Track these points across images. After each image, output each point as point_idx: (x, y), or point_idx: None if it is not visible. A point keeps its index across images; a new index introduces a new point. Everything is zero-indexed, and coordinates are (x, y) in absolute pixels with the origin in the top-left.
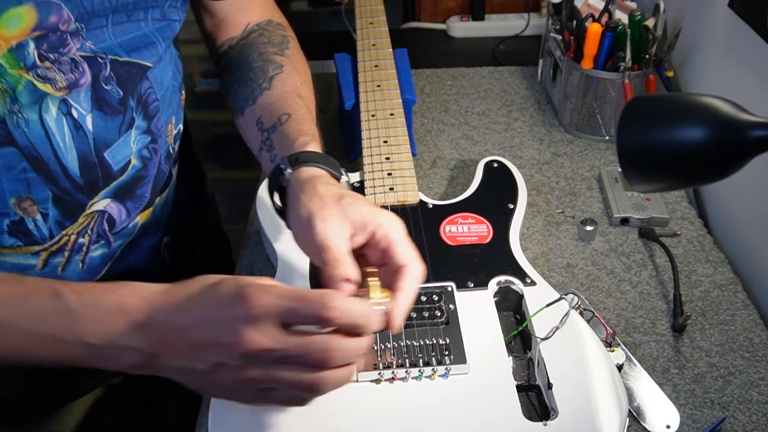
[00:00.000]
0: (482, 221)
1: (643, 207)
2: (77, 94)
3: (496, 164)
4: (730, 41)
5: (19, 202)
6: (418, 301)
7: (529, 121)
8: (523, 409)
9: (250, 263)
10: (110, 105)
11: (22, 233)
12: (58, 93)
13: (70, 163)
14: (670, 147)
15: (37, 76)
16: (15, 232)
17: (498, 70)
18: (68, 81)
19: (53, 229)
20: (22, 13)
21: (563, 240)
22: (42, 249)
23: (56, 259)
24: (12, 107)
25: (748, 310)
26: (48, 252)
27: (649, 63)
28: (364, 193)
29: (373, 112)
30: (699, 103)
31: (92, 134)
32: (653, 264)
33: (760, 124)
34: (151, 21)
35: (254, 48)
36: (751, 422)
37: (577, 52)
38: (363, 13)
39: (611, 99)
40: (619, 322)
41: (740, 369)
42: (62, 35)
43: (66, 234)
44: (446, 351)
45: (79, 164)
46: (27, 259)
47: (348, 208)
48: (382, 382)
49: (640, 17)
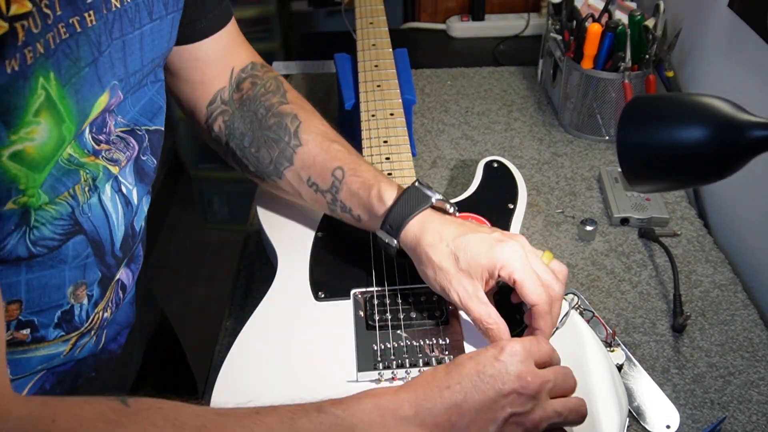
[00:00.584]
0: (482, 221)
1: (643, 207)
2: (124, 170)
3: (496, 164)
4: (730, 41)
5: (75, 289)
6: (418, 301)
7: (529, 121)
8: None
9: (250, 263)
10: (148, 175)
11: (66, 322)
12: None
13: (117, 239)
14: (670, 147)
15: (105, 159)
16: (61, 323)
17: (498, 70)
18: (127, 158)
19: (89, 311)
20: (103, 100)
21: (563, 240)
22: (76, 333)
23: (83, 340)
24: (91, 195)
25: (748, 310)
26: (79, 335)
27: (649, 63)
28: None
29: (373, 112)
30: (699, 103)
31: (135, 207)
32: (653, 264)
33: (760, 124)
34: (150, 84)
35: (256, 103)
36: (751, 422)
37: (577, 52)
38: (363, 13)
39: (611, 99)
40: (619, 322)
41: (740, 369)
42: (102, 114)
43: (97, 312)
44: (446, 351)
45: (122, 239)
46: (58, 347)
47: (470, 267)
48: (382, 382)
49: (640, 17)
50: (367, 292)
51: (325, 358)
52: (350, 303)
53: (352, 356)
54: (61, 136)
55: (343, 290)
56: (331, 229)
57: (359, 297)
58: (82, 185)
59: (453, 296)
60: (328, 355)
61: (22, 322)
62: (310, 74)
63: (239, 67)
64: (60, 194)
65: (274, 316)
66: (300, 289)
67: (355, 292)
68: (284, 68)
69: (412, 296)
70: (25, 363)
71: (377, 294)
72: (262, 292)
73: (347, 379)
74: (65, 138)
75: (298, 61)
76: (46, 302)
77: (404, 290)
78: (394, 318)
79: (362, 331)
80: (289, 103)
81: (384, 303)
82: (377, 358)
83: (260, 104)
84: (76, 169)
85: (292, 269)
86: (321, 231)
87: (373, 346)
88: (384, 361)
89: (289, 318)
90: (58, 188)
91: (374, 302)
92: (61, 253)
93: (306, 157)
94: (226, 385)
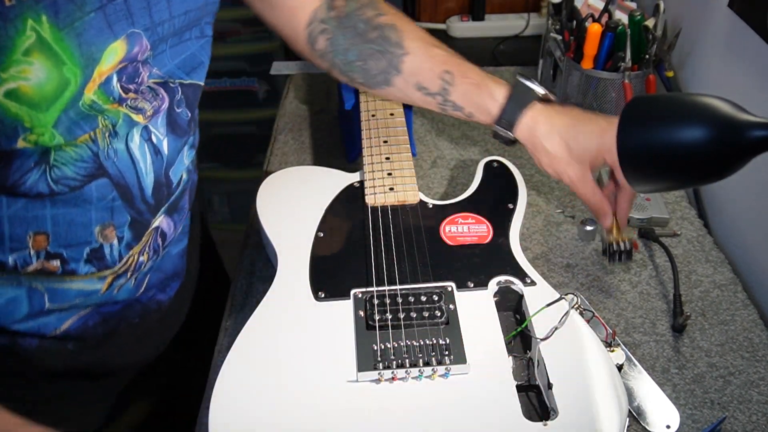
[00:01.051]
0: (482, 221)
1: (643, 207)
2: (155, 120)
3: (496, 164)
4: (730, 41)
5: (102, 229)
6: (418, 301)
7: None
8: (523, 409)
9: (250, 263)
10: (181, 127)
11: (97, 259)
12: (145, 121)
13: (147, 186)
14: (670, 147)
15: (129, 108)
16: (91, 259)
17: (498, 70)
18: (154, 108)
19: (122, 252)
20: (117, 47)
21: (563, 240)
22: (111, 272)
23: (120, 281)
24: (111, 141)
25: (748, 310)
26: (114, 275)
27: (649, 63)
28: (364, 193)
29: (373, 112)
30: (699, 103)
31: (166, 157)
32: (653, 264)
33: (760, 124)
34: (195, 39)
35: (354, 18)
36: (751, 422)
37: (577, 52)
38: None
39: (611, 99)
40: (619, 322)
41: (740, 369)
42: (136, 65)
43: (131, 254)
44: (446, 351)
45: (153, 186)
46: (93, 284)
47: (578, 153)
48: (382, 382)
49: (640, 17)
50: (367, 292)
51: (325, 358)
52: (350, 303)
53: (352, 356)
54: (64, 79)
55: (343, 290)
56: (331, 229)
57: (359, 297)
58: (102, 130)
59: (565, 178)
60: (328, 355)
61: (51, 253)
62: (310, 74)
63: None
64: (78, 137)
65: (274, 316)
66: (300, 289)
67: (355, 292)
68: (284, 68)
69: (413, 296)
70: (63, 294)
71: (377, 294)
72: (262, 292)
73: (347, 379)
74: (69, 81)
75: (298, 61)
76: (73, 238)
77: (404, 290)
78: (394, 318)
79: (362, 331)
80: (384, 14)
81: (384, 303)
82: (377, 358)
83: (358, 19)
84: (95, 114)
85: (292, 269)
86: (321, 231)
87: (373, 346)
88: (384, 361)
89: (289, 318)
90: (75, 131)
91: (374, 302)
92: (84, 193)
93: (413, 64)
94: (226, 385)
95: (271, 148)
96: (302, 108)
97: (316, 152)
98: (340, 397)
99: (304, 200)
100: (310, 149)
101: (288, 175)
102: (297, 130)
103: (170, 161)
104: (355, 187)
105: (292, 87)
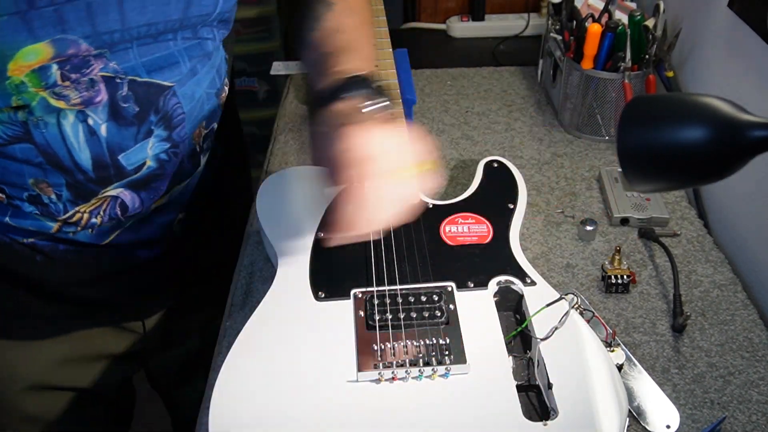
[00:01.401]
0: (482, 221)
1: (643, 207)
2: (95, 109)
3: (496, 164)
4: (730, 41)
5: (36, 183)
6: (419, 301)
7: (529, 121)
8: (523, 409)
9: (250, 263)
10: (125, 118)
11: (39, 204)
12: (73, 108)
13: (83, 161)
14: (670, 147)
15: (53, 94)
16: (33, 203)
17: (498, 70)
18: (82, 98)
19: (67, 206)
20: (39, 48)
21: (563, 240)
22: (59, 220)
23: (71, 228)
24: (29, 117)
25: (747, 310)
26: (62, 222)
27: (649, 63)
28: None
29: None
30: (699, 103)
31: (105, 139)
32: (653, 264)
33: (760, 124)
34: (181, 40)
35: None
36: (751, 422)
37: (577, 52)
38: None
39: (611, 99)
40: (619, 322)
41: (740, 369)
42: (86, 58)
43: (79, 211)
44: (446, 351)
45: (92, 163)
46: (44, 222)
47: None
48: (382, 382)
49: (640, 17)
50: (367, 292)
51: (325, 358)
52: (350, 303)
53: (352, 356)
54: None
55: (343, 290)
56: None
57: (359, 297)
58: (13, 108)
59: None
60: (328, 355)
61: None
62: None
63: None
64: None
65: (274, 316)
66: (300, 289)
67: (355, 292)
68: (284, 68)
69: (413, 296)
70: (22, 216)
71: (377, 294)
72: (262, 292)
73: (347, 379)
74: None
75: (298, 61)
76: (9, 179)
77: (404, 290)
78: (394, 318)
79: (362, 331)
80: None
81: (384, 303)
82: (377, 358)
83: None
84: (10, 93)
85: (292, 269)
86: (321, 231)
87: (373, 346)
88: (384, 361)
89: (289, 318)
90: None
91: (374, 302)
92: (8, 150)
93: None
94: (226, 386)
95: (271, 148)
96: (302, 108)
97: None
98: (340, 397)
99: (304, 200)
100: None
101: (288, 175)
102: (297, 130)
103: (117, 146)
104: None
105: (293, 87)
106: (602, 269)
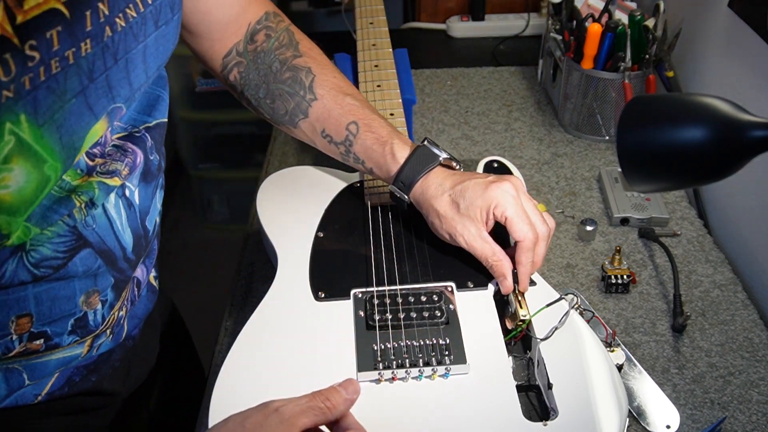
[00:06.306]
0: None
1: (643, 207)
2: (131, 177)
3: (496, 164)
4: (730, 41)
5: (87, 298)
6: (418, 301)
7: (529, 121)
8: (523, 409)
9: (250, 263)
10: (151, 173)
11: (81, 328)
12: (121, 182)
13: (126, 242)
14: (670, 147)
15: (101, 174)
16: (75, 329)
17: (498, 70)
18: (128, 166)
19: (105, 314)
20: (98, 128)
21: (563, 240)
22: (91, 336)
23: (99, 341)
24: (89, 212)
25: (748, 310)
26: (93, 336)
27: (649, 63)
28: (364, 193)
29: None
30: (699, 103)
31: (138, 207)
32: (653, 264)
33: (760, 124)
34: (153, 83)
35: (271, 57)
36: (751, 422)
37: (577, 52)
38: (363, 13)
39: (611, 99)
40: (619, 322)
41: (740, 369)
42: None
43: (112, 314)
44: (446, 351)
45: (132, 240)
46: (73, 350)
47: (469, 211)
48: (382, 382)
49: (640, 17)
50: (367, 292)
51: (325, 358)
52: (350, 303)
53: (352, 356)
54: (44, 177)
55: (343, 290)
56: (331, 229)
57: (359, 297)
58: (78, 208)
59: (459, 240)
60: (328, 355)
61: (35, 333)
62: None
63: (254, 20)
64: (54, 222)
65: (274, 316)
66: (300, 289)
67: (355, 292)
68: None
69: (413, 296)
70: (42, 367)
71: (377, 294)
72: (262, 292)
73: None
74: (50, 178)
75: None
76: (57, 313)
77: (404, 290)
78: (394, 318)
79: (362, 331)
80: (302, 55)
81: (384, 303)
82: (377, 358)
83: (275, 58)
84: (67, 195)
85: (292, 269)
86: (321, 231)
87: (373, 346)
88: (384, 361)
89: (289, 318)
90: (51, 217)
91: (374, 302)
92: (69, 270)
93: (321, 111)
94: (226, 386)
95: (271, 148)
96: None
97: (316, 152)
98: None
99: (304, 200)
100: (310, 149)
101: (288, 175)
102: None
103: (144, 211)
104: (356, 187)
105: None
106: (602, 269)
